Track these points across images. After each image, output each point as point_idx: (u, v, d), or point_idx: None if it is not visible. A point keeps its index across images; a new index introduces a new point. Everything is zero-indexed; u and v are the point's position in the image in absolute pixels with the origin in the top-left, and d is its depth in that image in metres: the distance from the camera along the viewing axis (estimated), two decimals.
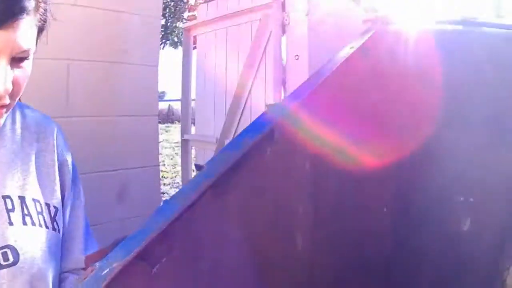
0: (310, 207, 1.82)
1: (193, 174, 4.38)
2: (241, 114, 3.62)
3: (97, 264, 1.26)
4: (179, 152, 10.69)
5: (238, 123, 3.62)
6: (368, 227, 2.12)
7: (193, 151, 4.81)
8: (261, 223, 1.67)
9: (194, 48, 4.51)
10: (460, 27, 2.19)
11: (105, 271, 1.19)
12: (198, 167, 1.58)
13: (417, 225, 2.19)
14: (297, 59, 2.72)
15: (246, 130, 1.62)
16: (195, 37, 4.39)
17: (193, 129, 4.76)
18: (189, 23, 4.93)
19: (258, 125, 1.63)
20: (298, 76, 2.70)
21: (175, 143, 12.41)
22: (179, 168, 9.19)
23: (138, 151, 2.83)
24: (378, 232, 2.17)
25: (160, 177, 4.42)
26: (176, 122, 18.27)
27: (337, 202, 1.92)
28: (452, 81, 2.16)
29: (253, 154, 1.57)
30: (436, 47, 2.15)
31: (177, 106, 18.82)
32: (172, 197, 1.47)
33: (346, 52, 1.99)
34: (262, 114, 1.76)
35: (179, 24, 12.02)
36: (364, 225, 2.08)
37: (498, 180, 2.18)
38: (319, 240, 1.89)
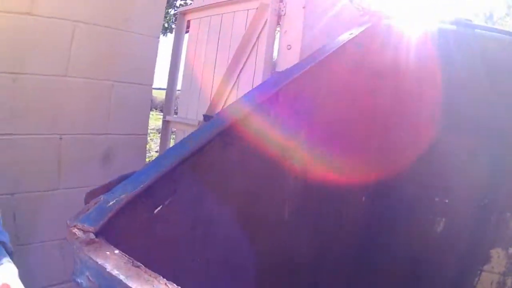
0: (301, 177, 1.97)
1: None
2: (226, 101, 3.69)
3: (101, 196, 1.35)
4: (154, 138, 10.74)
5: (223, 108, 3.68)
6: (344, 214, 2.28)
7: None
8: (257, 180, 1.81)
9: (187, 32, 4.56)
10: (453, 27, 2.37)
11: (112, 202, 1.27)
12: (207, 117, 1.69)
13: (392, 220, 2.35)
14: (289, 49, 2.85)
15: (254, 90, 1.77)
16: (189, 21, 4.40)
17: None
18: (185, 7, 4.96)
19: (265, 86, 1.78)
20: (288, 66, 2.85)
21: (151, 129, 12.38)
22: (153, 153, 9.24)
23: (128, 118, 2.91)
24: (354, 218, 2.33)
25: None
26: (154, 109, 18.17)
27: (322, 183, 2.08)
28: (443, 77, 2.33)
29: (259, 112, 1.71)
30: (425, 44, 2.33)
31: (156, 94, 18.72)
32: (182, 141, 1.59)
33: (345, 37, 2.16)
34: (269, 78, 1.92)
35: (171, 11, 11.96)
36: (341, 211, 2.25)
37: (470, 183, 2.34)
38: (304, 211, 2.05)
